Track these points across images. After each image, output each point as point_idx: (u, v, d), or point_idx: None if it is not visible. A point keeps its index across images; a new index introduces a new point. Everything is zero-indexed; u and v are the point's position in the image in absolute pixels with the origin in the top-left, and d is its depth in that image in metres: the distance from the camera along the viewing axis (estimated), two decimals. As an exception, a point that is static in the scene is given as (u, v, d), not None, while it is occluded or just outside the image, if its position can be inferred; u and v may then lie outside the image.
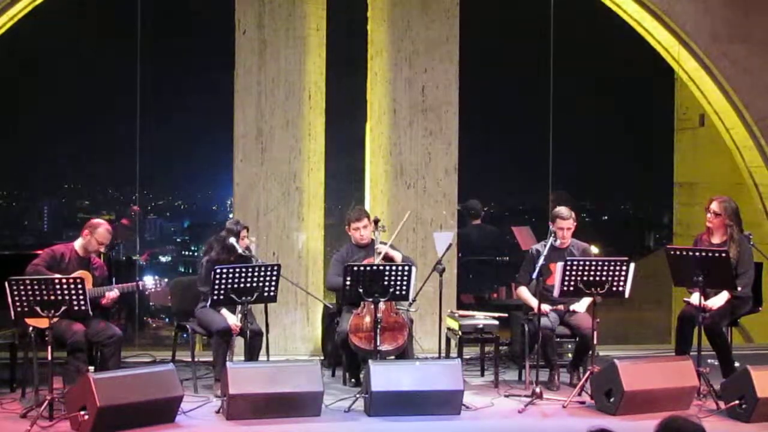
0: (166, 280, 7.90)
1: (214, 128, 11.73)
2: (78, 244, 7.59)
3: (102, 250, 7.66)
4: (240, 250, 7.74)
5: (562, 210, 8.12)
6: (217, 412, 7.04)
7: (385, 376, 7.04)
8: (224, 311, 7.64)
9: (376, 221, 8.14)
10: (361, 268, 7.42)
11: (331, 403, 7.28)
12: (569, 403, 7.33)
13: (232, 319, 7.59)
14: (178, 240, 14.69)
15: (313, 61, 9.26)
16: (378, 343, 7.37)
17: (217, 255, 7.81)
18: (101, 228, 7.57)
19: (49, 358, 6.67)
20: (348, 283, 7.36)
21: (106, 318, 7.76)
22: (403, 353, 7.78)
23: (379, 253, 7.91)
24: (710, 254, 7.45)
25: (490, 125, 12.70)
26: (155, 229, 14.18)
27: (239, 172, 9.21)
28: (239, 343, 7.77)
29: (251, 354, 7.58)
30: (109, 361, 7.33)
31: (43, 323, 6.94)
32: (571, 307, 7.97)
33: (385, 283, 7.35)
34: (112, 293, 7.52)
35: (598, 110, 13.01)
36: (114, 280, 8.03)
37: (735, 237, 7.83)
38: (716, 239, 7.92)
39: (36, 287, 6.66)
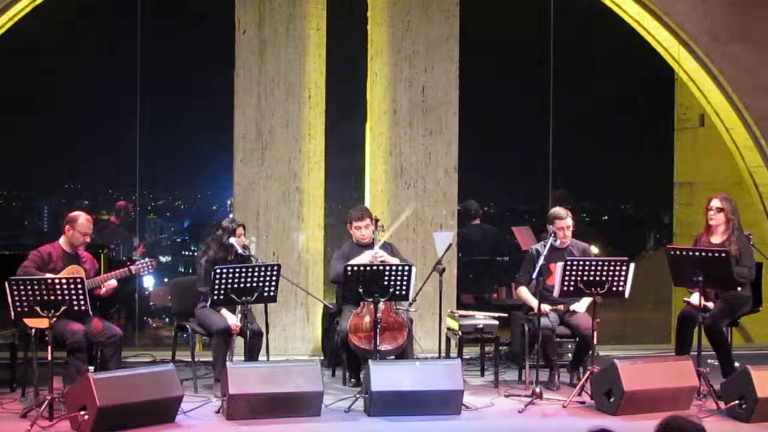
0: (154, 260, 7.84)
1: (214, 128, 11.72)
2: (63, 241, 7.57)
3: (88, 240, 7.58)
4: (239, 249, 7.74)
5: (559, 210, 8.12)
6: (217, 412, 7.04)
7: (385, 376, 7.04)
8: (224, 311, 7.64)
9: (376, 221, 8.14)
10: (361, 268, 7.42)
11: (331, 403, 7.28)
12: (569, 403, 7.33)
13: (232, 319, 7.59)
14: (179, 240, 14.69)
15: (313, 61, 9.26)
16: (377, 343, 7.37)
17: (215, 254, 7.81)
18: (81, 219, 7.53)
19: (49, 358, 6.66)
20: (348, 282, 7.35)
21: (105, 318, 7.75)
22: (403, 353, 7.78)
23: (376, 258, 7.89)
24: (710, 254, 7.45)
25: (490, 125, 12.70)
26: (155, 229, 14.17)
27: (239, 172, 9.21)
28: (239, 343, 7.77)
29: (251, 354, 7.58)
30: (110, 361, 7.33)
31: (41, 324, 6.94)
32: (571, 307, 7.97)
33: (385, 283, 7.35)
34: (111, 282, 7.50)
35: (598, 110, 13.01)
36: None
37: (736, 231, 7.83)
38: (716, 239, 7.91)
39: (36, 287, 6.65)
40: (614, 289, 7.47)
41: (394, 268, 7.42)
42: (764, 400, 6.86)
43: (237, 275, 7.23)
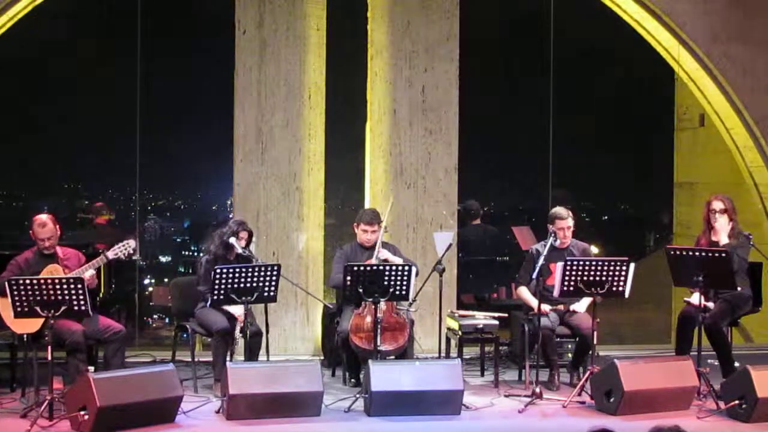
0: (132, 242, 7.68)
1: (214, 128, 11.73)
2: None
3: (47, 244, 7.41)
4: (239, 249, 7.74)
5: (560, 210, 8.11)
6: (217, 412, 7.04)
7: (385, 376, 7.04)
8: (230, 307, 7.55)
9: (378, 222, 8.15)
10: (361, 268, 7.42)
11: (331, 403, 7.28)
12: (569, 403, 7.33)
13: (239, 310, 7.47)
14: (178, 240, 14.70)
15: (313, 61, 9.26)
16: (378, 343, 7.37)
17: (216, 249, 7.81)
18: (33, 225, 7.44)
19: (49, 358, 6.67)
20: (348, 282, 7.36)
21: (105, 316, 7.72)
22: (404, 353, 7.78)
23: (379, 260, 7.89)
24: (710, 254, 7.45)
25: (490, 125, 12.70)
26: (155, 229, 14.17)
27: (239, 172, 9.21)
28: (239, 342, 7.76)
29: (251, 354, 7.57)
30: (113, 358, 7.32)
31: (30, 328, 6.96)
32: (571, 307, 7.96)
33: (385, 283, 7.35)
34: (89, 272, 7.33)
35: (598, 110, 13.01)
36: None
37: (736, 229, 7.85)
38: (717, 238, 7.89)
39: (36, 287, 6.66)
40: (614, 289, 7.47)
41: (394, 268, 7.42)
42: (764, 400, 6.86)
43: (237, 275, 7.22)
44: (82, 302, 6.74)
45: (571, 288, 7.47)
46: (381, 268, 7.43)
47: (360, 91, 9.43)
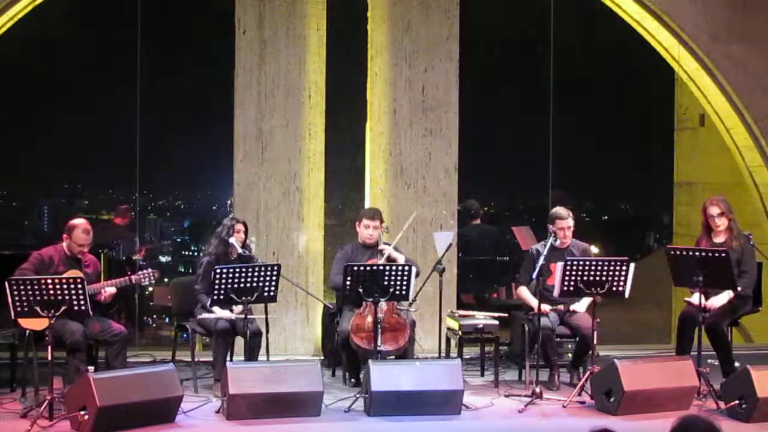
0: (156, 271, 7.78)
1: (214, 128, 11.73)
2: (65, 244, 7.57)
3: (84, 250, 7.53)
4: (239, 249, 7.74)
5: (560, 210, 8.10)
6: (217, 412, 7.04)
7: (385, 376, 7.04)
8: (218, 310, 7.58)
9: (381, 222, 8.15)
10: (361, 268, 7.43)
11: (331, 403, 7.28)
12: (569, 403, 7.33)
13: (226, 314, 7.53)
14: (178, 240, 14.71)
15: (313, 61, 9.26)
16: (379, 344, 7.37)
17: (216, 249, 7.81)
18: (76, 230, 7.49)
19: (49, 358, 6.66)
20: (348, 282, 7.36)
21: (106, 317, 7.73)
22: (404, 354, 7.78)
23: (383, 255, 7.90)
24: (710, 254, 7.44)
25: (490, 125, 12.70)
26: (155, 229, 14.19)
27: (239, 172, 9.21)
28: (239, 342, 7.77)
29: (251, 354, 7.58)
30: (115, 360, 7.32)
31: (38, 326, 6.95)
32: (571, 307, 7.96)
33: (385, 283, 7.35)
34: (111, 289, 7.48)
35: (598, 110, 13.01)
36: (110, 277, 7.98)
37: (735, 232, 7.84)
38: (718, 239, 7.89)
39: (36, 287, 6.65)
40: (614, 289, 7.47)
41: (394, 268, 7.42)
42: (764, 400, 6.86)
43: (237, 275, 7.23)
44: (82, 302, 6.74)
45: (571, 288, 7.47)
46: (381, 268, 7.44)
47: (360, 91, 9.43)
